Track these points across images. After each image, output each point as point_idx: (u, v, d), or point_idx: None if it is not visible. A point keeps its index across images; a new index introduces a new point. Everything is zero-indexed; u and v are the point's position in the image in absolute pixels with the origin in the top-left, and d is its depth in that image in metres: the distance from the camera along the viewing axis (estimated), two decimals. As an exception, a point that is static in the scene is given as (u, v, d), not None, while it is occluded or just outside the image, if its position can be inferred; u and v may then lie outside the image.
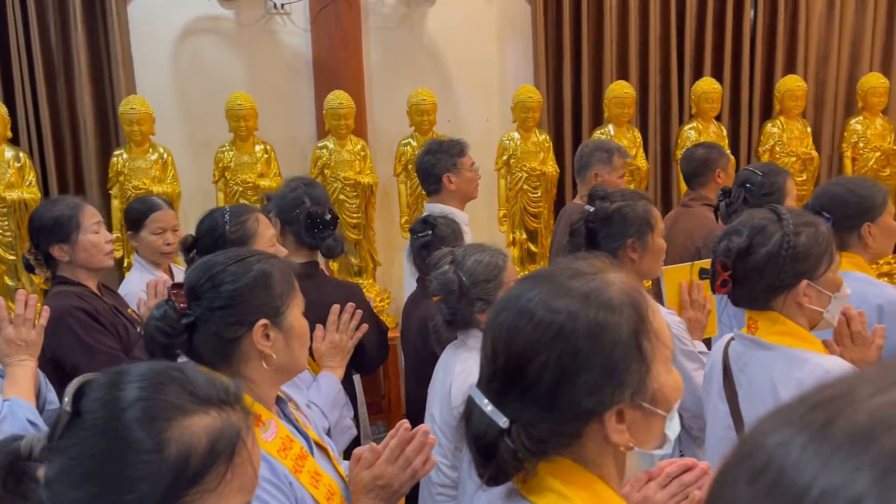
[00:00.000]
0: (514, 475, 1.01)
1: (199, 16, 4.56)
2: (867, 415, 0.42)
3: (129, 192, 4.06)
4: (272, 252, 1.97)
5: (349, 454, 1.57)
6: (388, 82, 4.75)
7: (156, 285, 2.58)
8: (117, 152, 4.17)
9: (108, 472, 0.86)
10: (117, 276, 4.02)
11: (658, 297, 2.56)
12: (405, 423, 1.51)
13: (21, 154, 4.05)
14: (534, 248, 4.59)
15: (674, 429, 1.04)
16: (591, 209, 2.32)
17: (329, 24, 4.47)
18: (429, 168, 3.33)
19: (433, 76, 4.78)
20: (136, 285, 2.96)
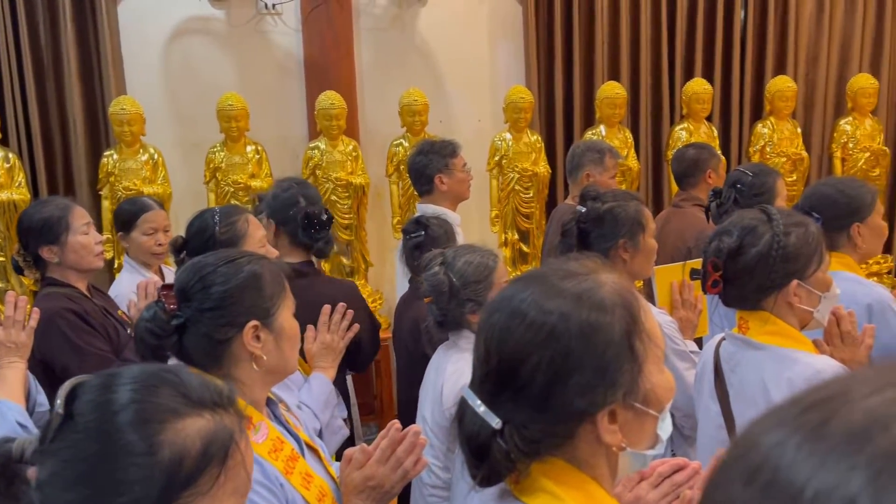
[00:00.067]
0: (506, 476, 1.01)
1: (189, 16, 4.54)
2: (862, 415, 0.42)
3: (119, 192, 4.04)
4: (262, 253, 1.97)
5: (341, 455, 1.57)
6: (380, 83, 4.74)
7: (146, 286, 2.56)
8: (107, 153, 4.15)
9: (101, 474, 0.86)
10: (108, 277, 4.00)
11: (649, 297, 2.57)
12: (396, 424, 1.51)
13: (10, 155, 4.03)
14: (526, 248, 4.60)
15: (666, 429, 1.04)
16: (583, 210, 2.33)
17: (320, 25, 4.46)
18: (421, 169, 3.33)
19: (425, 77, 4.78)
20: (126, 287, 2.94)
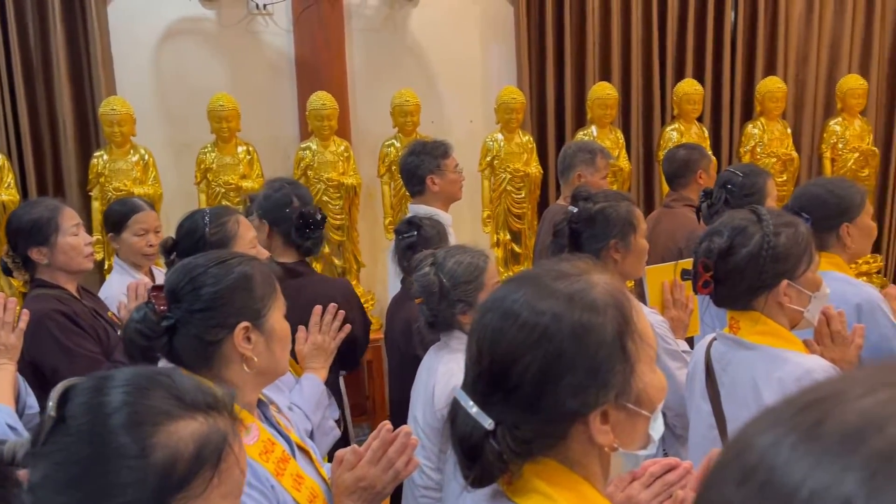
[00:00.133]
0: (499, 477, 1.00)
1: (179, 16, 4.52)
2: (857, 415, 0.42)
3: (109, 193, 4.02)
4: (253, 254, 1.96)
5: (333, 456, 1.57)
6: (372, 83, 4.73)
7: (136, 288, 2.55)
8: (97, 154, 4.13)
9: (93, 477, 0.85)
10: (98, 278, 3.97)
11: (641, 297, 2.57)
12: (387, 425, 1.51)
13: (-1, 155, 4.01)
14: (518, 248, 4.60)
15: (658, 429, 1.04)
16: (575, 210, 2.33)
17: (312, 25, 4.45)
18: (412, 169, 3.33)
19: (416, 77, 4.78)
20: (116, 288, 2.93)
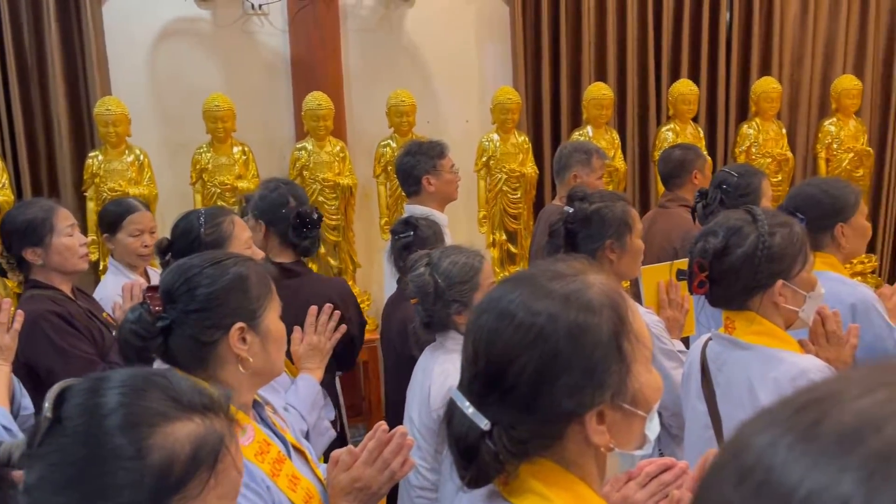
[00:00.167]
0: (495, 477, 1.00)
1: (175, 16, 4.51)
2: (854, 416, 0.42)
3: (104, 194, 4.01)
4: (248, 255, 1.96)
5: (329, 456, 1.57)
6: (367, 83, 4.73)
7: (131, 288, 2.54)
8: (92, 154, 4.12)
9: (89, 479, 0.85)
10: (93, 279, 3.96)
11: (636, 297, 2.58)
12: (383, 425, 1.51)
13: (-7, 156, 4.00)
14: (513, 249, 4.60)
15: (654, 429, 1.04)
16: (570, 210, 2.33)
17: (307, 25, 4.45)
18: (408, 170, 3.32)
19: (412, 77, 4.78)
20: (111, 289, 2.92)
